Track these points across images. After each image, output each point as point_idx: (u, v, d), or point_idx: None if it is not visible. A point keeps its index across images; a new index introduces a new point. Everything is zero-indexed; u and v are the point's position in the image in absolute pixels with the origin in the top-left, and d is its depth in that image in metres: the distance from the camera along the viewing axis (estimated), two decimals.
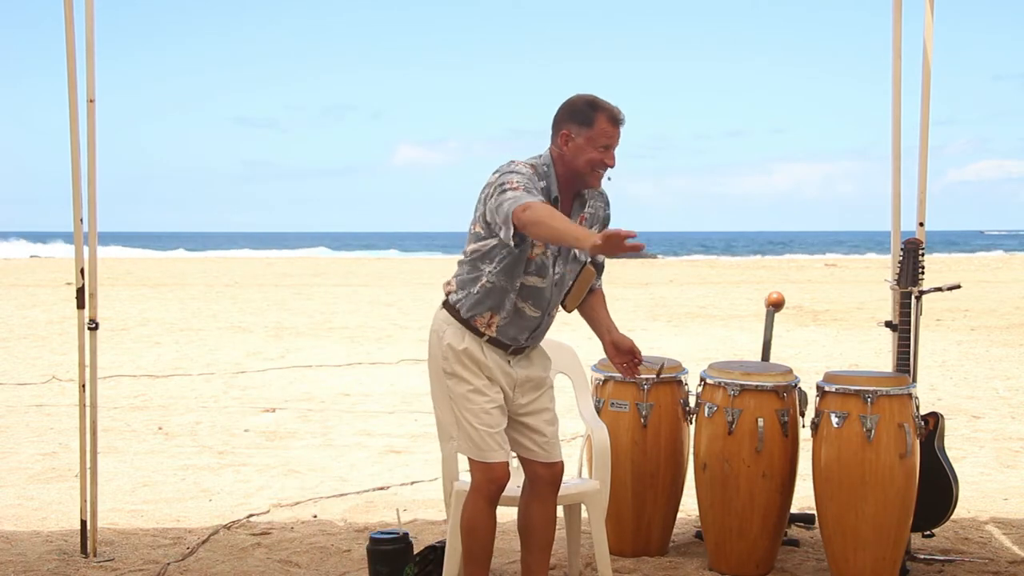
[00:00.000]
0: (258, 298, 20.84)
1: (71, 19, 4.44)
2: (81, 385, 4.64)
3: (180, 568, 4.54)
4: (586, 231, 3.30)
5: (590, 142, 3.54)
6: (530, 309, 3.64)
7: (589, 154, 3.55)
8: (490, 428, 3.62)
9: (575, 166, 3.58)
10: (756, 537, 4.45)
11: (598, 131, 3.54)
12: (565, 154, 3.59)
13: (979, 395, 9.23)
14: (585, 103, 3.58)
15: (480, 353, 3.63)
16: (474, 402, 3.62)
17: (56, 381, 9.98)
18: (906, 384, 4.35)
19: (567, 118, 3.58)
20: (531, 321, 3.66)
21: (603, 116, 3.55)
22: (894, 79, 4.82)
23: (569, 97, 3.63)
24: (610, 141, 3.55)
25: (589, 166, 3.56)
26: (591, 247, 3.19)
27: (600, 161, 3.56)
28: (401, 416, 8.35)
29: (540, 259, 3.60)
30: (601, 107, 3.56)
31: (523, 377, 3.72)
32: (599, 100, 3.58)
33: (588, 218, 3.70)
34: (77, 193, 4.57)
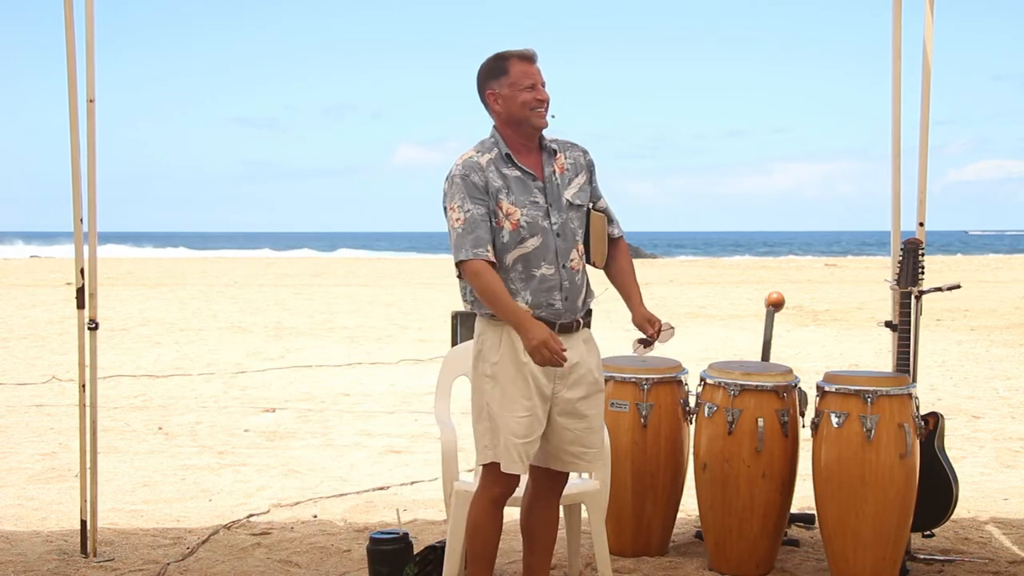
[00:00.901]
0: (258, 298, 20.84)
1: (71, 19, 4.44)
2: (81, 385, 4.64)
3: (180, 568, 4.54)
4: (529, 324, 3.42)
5: (514, 87, 3.57)
6: (545, 268, 3.58)
7: (520, 97, 3.57)
8: (518, 438, 3.55)
9: (514, 116, 3.59)
10: (756, 537, 4.45)
11: (516, 74, 3.57)
12: (501, 112, 3.61)
13: (979, 395, 9.23)
14: (493, 58, 3.64)
15: (520, 351, 3.53)
16: (508, 409, 3.56)
17: (56, 381, 9.98)
18: (906, 384, 4.35)
19: (486, 80, 3.63)
20: (551, 281, 3.58)
21: (514, 60, 3.59)
22: (894, 79, 4.82)
23: (480, 65, 3.66)
24: (532, 79, 3.57)
25: (525, 108, 3.58)
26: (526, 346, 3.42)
27: (533, 100, 3.57)
28: (401, 416, 8.35)
29: (524, 220, 3.56)
30: (509, 54, 3.61)
31: (570, 363, 3.56)
32: (505, 51, 3.63)
33: (569, 168, 3.69)
34: (77, 193, 4.57)
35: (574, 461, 3.68)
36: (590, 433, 3.67)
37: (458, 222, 3.52)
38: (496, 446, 3.58)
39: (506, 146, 3.61)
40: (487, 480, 3.64)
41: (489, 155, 3.59)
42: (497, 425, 3.58)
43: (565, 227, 3.62)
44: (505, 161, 3.59)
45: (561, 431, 3.64)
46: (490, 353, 3.60)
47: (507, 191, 3.55)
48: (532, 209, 3.57)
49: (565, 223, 3.62)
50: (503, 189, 3.55)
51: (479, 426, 3.64)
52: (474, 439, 3.68)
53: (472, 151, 3.62)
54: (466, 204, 3.52)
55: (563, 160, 3.69)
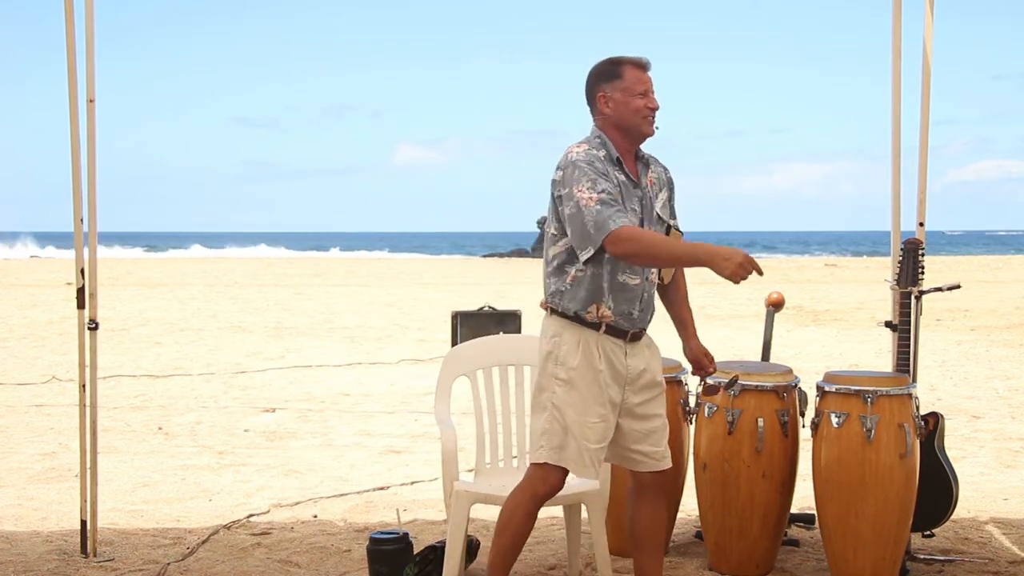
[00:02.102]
0: (258, 298, 20.85)
1: (71, 19, 4.44)
2: (81, 385, 4.64)
3: (180, 568, 4.54)
4: (721, 252, 3.30)
5: (627, 93, 3.57)
6: (629, 278, 3.58)
7: (632, 104, 3.57)
8: (592, 443, 3.57)
9: (624, 121, 3.59)
10: (756, 537, 4.45)
11: (630, 80, 3.58)
12: (610, 115, 3.60)
13: (979, 395, 9.23)
14: (608, 62, 3.63)
15: (596, 358, 3.56)
16: (584, 415, 3.55)
17: (56, 381, 9.98)
18: (906, 384, 4.35)
19: (598, 82, 3.62)
20: (634, 291, 3.59)
21: (629, 66, 3.59)
22: (894, 79, 4.82)
23: (592, 67, 3.66)
24: (645, 86, 3.58)
25: (636, 115, 3.58)
26: (727, 270, 3.26)
27: (644, 107, 3.58)
28: (401, 416, 8.35)
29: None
30: (624, 59, 3.61)
31: (637, 371, 3.64)
32: (620, 55, 3.63)
33: (656, 182, 3.70)
34: (77, 193, 4.57)
35: (643, 460, 3.70)
36: (655, 433, 3.70)
37: (592, 200, 3.44)
38: (563, 449, 3.56)
39: (615, 149, 3.61)
40: (536, 478, 3.61)
41: (602, 153, 3.59)
42: (569, 429, 3.56)
43: None
44: (615, 164, 3.59)
45: (629, 432, 3.67)
46: (568, 357, 3.58)
47: (620, 193, 3.55)
48: (632, 216, 3.57)
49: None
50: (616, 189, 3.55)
51: (538, 425, 3.62)
52: (530, 436, 3.67)
53: (584, 144, 3.60)
54: (599, 184, 3.47)
55: (652, 174, 3.71)
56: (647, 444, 3.69)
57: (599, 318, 3.56)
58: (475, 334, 6.89)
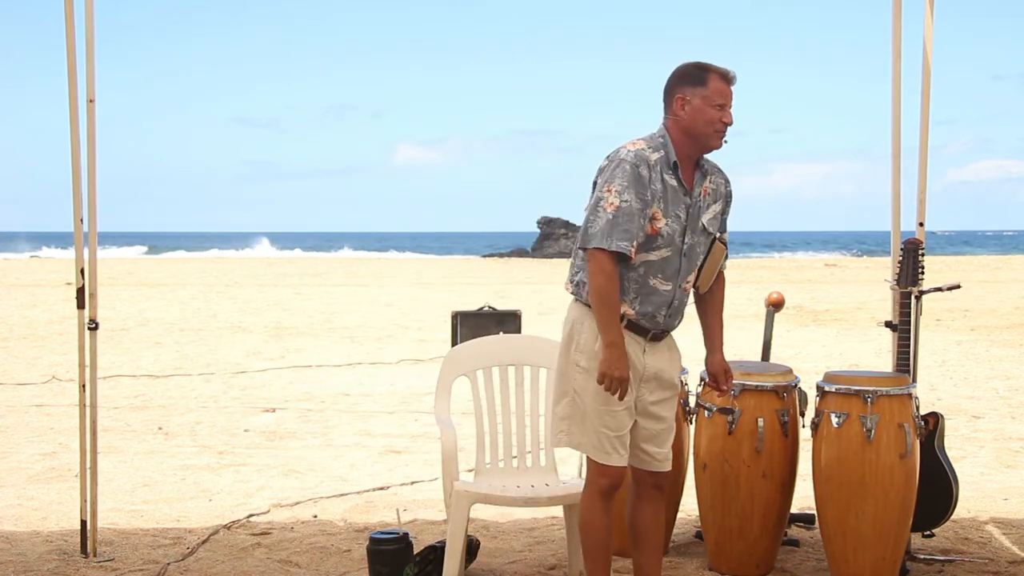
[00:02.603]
0: (258, 298, 20.85)
1: (71, 19, 4.44)
2: (81, 385, 4.64)
3: (180, 568, 4.54)
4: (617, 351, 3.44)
5: (706, 101, 3.56)
6: (660, 283, 3.59)
7: (707, 114, 3.56)
8: (611, 431, 3.58)
9: (695, 128, 3.58)
10: (756, 537, 4.45)
11: (712, 90, 3.56)
12: (683, 119, 3.59)
13: (979, 395, 9.23)
14: (694, 66, 3.61)
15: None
16: (605, 404, 3.56)
17: (56, 381, 9.98)
18: (906, 384, 4.35)
19: (679, 83, 3.60)
20: (664, 296, 3.61)
21: (715, 75, 3.57)
22: (894, 79, 4.82)
23: (677, 66, 3.65)
24: (725, 99, 3.57)
25: (709, 126, 3.57)
26: (603, 367, 3.44)
27: (718, 120, 3.56)
28: (401, 416, 8.35)
29: (665, 231, 3.55)
30: (711, 68, 3.59)
31: (654, 371, 3.66)
32: (707, 63, 3.61)
33: (711, 193, 3.68)
34: (77, 193, 4.57)
35: (648, 460, 3.71)
36: (664, 433, 3.72)
37: (612, 207, 3.48)
38: (574, 433, 3.61)
39: (675, 153, 3.60)
40: (593, 474, 3.65)
41: (658, 155, 3.58)
42: (588, 417, 3.58)
43: (693, 249, 3.65)
44: (671, 168, 3.59)
45: (639, 430, 3.68)
46: (588, 345, 3.59)
47: (662, 198, 3.55)
48: (674, 222, 3.58)
49: (694, 246, 3.65)
50: (659, 193, 3.55)
51: (559, 410, 3.66)
52: (551, 423, 3.71)
53: (642, 142, 3.60)
54: (626, 193, 3.48)
55: (708, 184, 3.69)
56: (653, 444, 3.70)
57: (621, 315, 3.56)
58: (475, 334, 6.87)
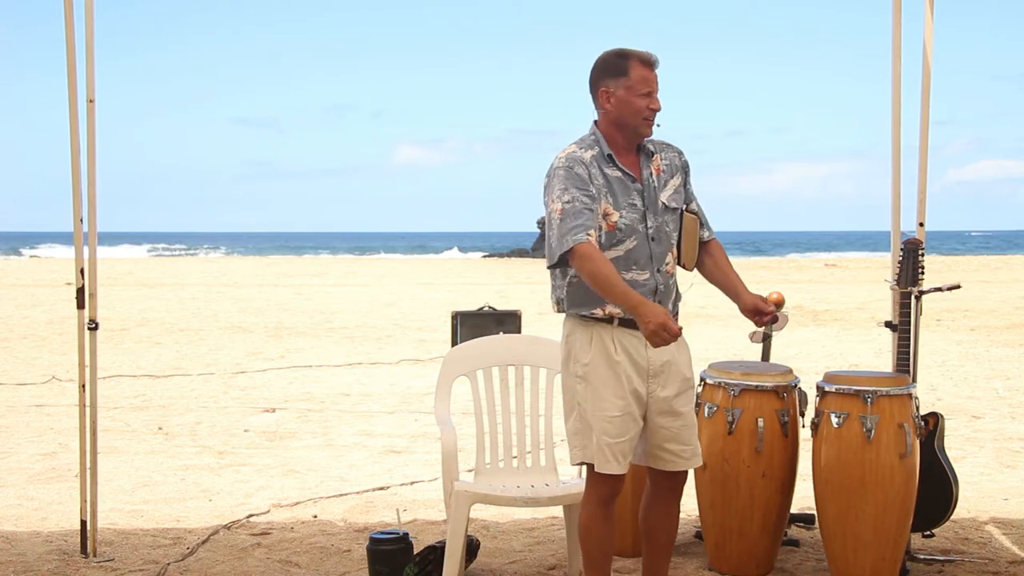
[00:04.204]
0: (258, 298, 20.85)
1: (71, 19, 4.44)
2: (81, 385, 4.64)
3: (180, 568, 4.54)
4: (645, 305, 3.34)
5: (631, 91, 3.51)
6: (637, 274, 3.53)
7: (633, 104, 3.51)
8: (611, 438, 3.52)
9: (624, 120, 3.54)
10: (756, 537, 4.45)
11: (635, 79, 3.51)
12: (610, 111, 3.55)
13: (979, 395, 9.23)
14: (614, 55, 3.55)
15: (613, 350, 3.53)
16: (600, 409, 3.52)
17: (56, 381, 9.98)
18: (906, 384, 4.35)
19: (602, 75, 3.56)
20: (646, 286, 3.54)
21: (636, 62, 3.51)
22: (894, 79, 4.82)
23: (598, 57, 3.59)
24: (650, 86, 3.51)
25: (637, 115, 3.53)
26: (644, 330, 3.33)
27: (646, 107, 3.52)
28: (401, 416, 8.35)
29: (622, 223, 3.51)
30: (631, 54, 3.52)
31: (660, 363, 3.57)
32: (627, 49, 3.54)
33: (665, 169, 3.64)
34: (77, 193, 4.57)
35: (673, 459, 3.65)
36: (685, 430, 3.64)
37: (558, 212, 3.45)
38: (588, 447, 3.55)
39: (608, 146, 3.57)
40: (592, 481, 3.61)
41: (592, 152, 3.55)
42: (590, 425, 3.53)
43: (660, 230, 3.59)
44: (607, 161, 3.56)
45: (658, 430, 3.61)
46: (581, 354, 3.56)
47: (608, 192, 3.52)
48: (630, 211, 3.54)
49: (660, 226, 3.59)
50: (604, 188, 3.52)
51: (569, 426, 3.61)
52: (568, 440, 3.65)
53: (574, 145, 3.58)
54: (567, 193, 3.45)
55: (659, 161, 3.65)
56: (676, 443, 3.63)
57: (608, 315, 3.54)
58: (475, 334, 6.87)
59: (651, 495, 3.76)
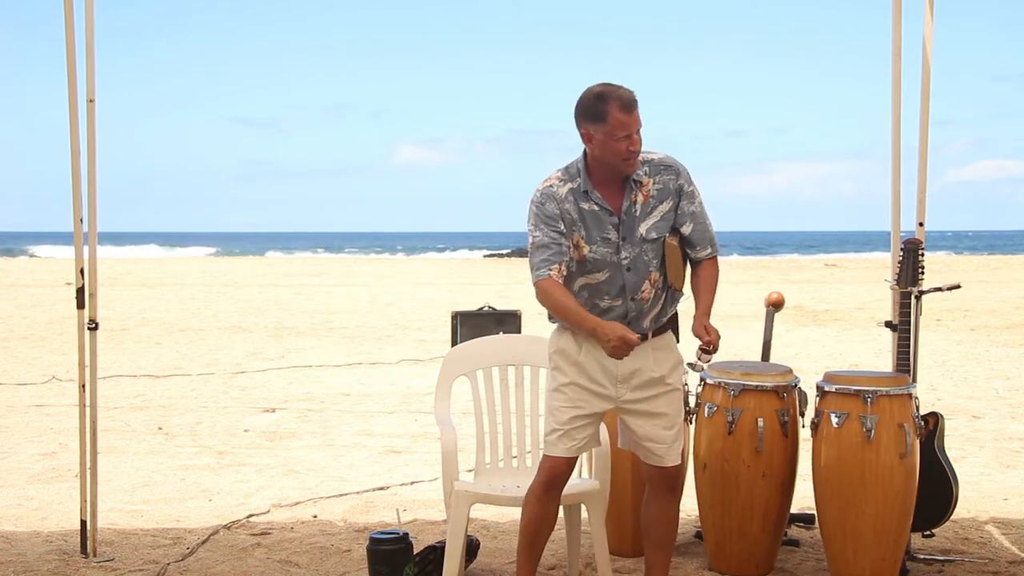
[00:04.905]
0: (258, 298, 20.85)
1: (71, 19, 4.44)
2: (81, 385, 4.64)
3: (180, 568, 4.54)
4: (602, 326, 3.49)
5: (609, 136, 3.54)
6: (609, 302, 3.66)
7: (612, 147, 3.55)
8: (556, 424, 3.70)
9: (604, 159, 3.59)
10: (756, 537, 4.45)
11: (613, 124, 3.52)
12: (593, 150, 3.61)
13: (979, 395, 9.23)
14: (593, 97, 3.56)
15: (576, 351, 3.68)
16: (554, 398, 3.72)
17: (56, 381, 9.98)
18: (906, 384, 4.35)
19: (581, 117, 3.59)
20: (616, 311, 3.66)
21: (614, 107, 3.52)
22: (894, 79, 4.82)
23: (581, 94, 3.61)
24: (628, 129, 3.53)
25: (617, 157, 3.56)
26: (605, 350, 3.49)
27: (625, 150, 3.55)
28: (401, 416, 8.35)
29: (591, 256, 3.61)
30: (609, 98, 3.53)
31: (628, 371, 3.68)
32: (607, 90, 3.55)
33: (655, 195, 3.66)
34: (77, 193, 4.57)
35: (648, 455, 3.79)
36: (659, 428, 3.74)
37: (530, 244, 3.64)
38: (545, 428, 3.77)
39: (589, 180, 3.63)
40: (539, 468, 3.78)
41: (571, 184, 3.63)
42: (548, 411, 3.74)
43: (637, 261, 3.65)
44: (583, 196, 3.62)
45: (635, 428, 3.76)
46: (552, 345, 3.76)
47: (581, 225, 3.61)
48: (603, 246, 3.62)
49: (638, 256, 3.65)
50: (577, 223, 3.61)
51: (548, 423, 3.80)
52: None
53: (556, 176, 3.66)
54: (537, 228, 3.61)
55: (650, 186, 3.66)
56: (650, 440, 3.75)
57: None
58: (475, 334, 6.87)
59: (648, 492, 3.87)
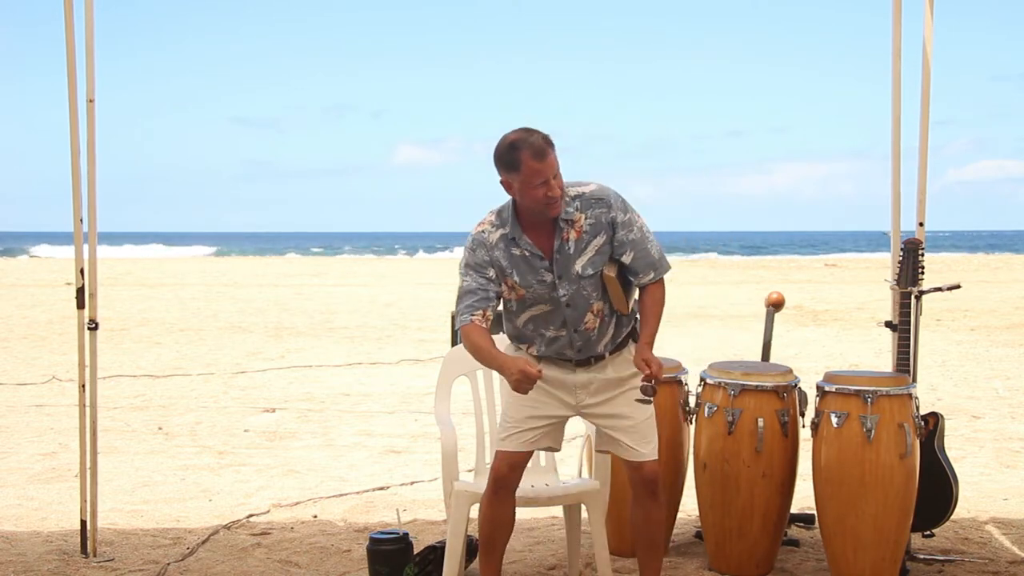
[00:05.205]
0: (258, 298, 20.85)
1: (71, 19, 4.44)
2: (81, 385, 4.64)
3: (180, 568, 4.54)
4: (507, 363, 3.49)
5: (526, 184, 3.52)
6: (554, 332, 3.72)
7: (531, 194, 3.54)
8: (509, 420, 3.77)
9: (526, 205, 3.59)
10: (756, 537, 4.45)
11: (527, 173, 3.49)
12: (515, 197, 3.62)
13: (979, 395, 9.23)
14: (506, 148, 3.52)
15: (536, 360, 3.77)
16: (510, 395, 3.75)
17: (56, 381, 9.98)
18: (906, 384, 4.35)
19: (498, 166, 3.57)
20: (562, 340, 3.73)
21: (526, 156, 3.47)
22: (894, 79, 4.82)
23: (497, 143, 3.57)
24: (544, 176, 3.49)
25: (537, 203, 3.55)
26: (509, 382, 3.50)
27: (544, 196, 3.53)
28: (401, 416, 8.35)
29: (529, 295, 3.68)
30: (521, 147, 3.48)
31: (585, 379, 3.76)
32: (518, 139, 3.50)
33: (587, 231, 3.63)
34: (77, 193, 4.57)
35: (621, 450, 3.80)
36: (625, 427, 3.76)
37: (459, 288, 3.69)
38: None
39: (518, 225, 3.64)
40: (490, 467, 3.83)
41: (502, 230, 3.65)
42: (504, 410, 3.82)
43: (576, 296, 3.66)
44: (513, 243, 3.64)
45: (603, 430, 3.82)
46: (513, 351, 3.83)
47: (514, 270, 3.65)
48: (539, 287, 3.65)
49: (576, 292, 3.66)
50: (509, 268, 3.65)
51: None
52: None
53: (489, 221, 3.68)
54: (467, 274, 3.66)
55: (583, 222, 3.64)
56: (621, 434, 3.78)
57: (530, 354, 3.78)
58: None
59: (631, 496, 3.88)
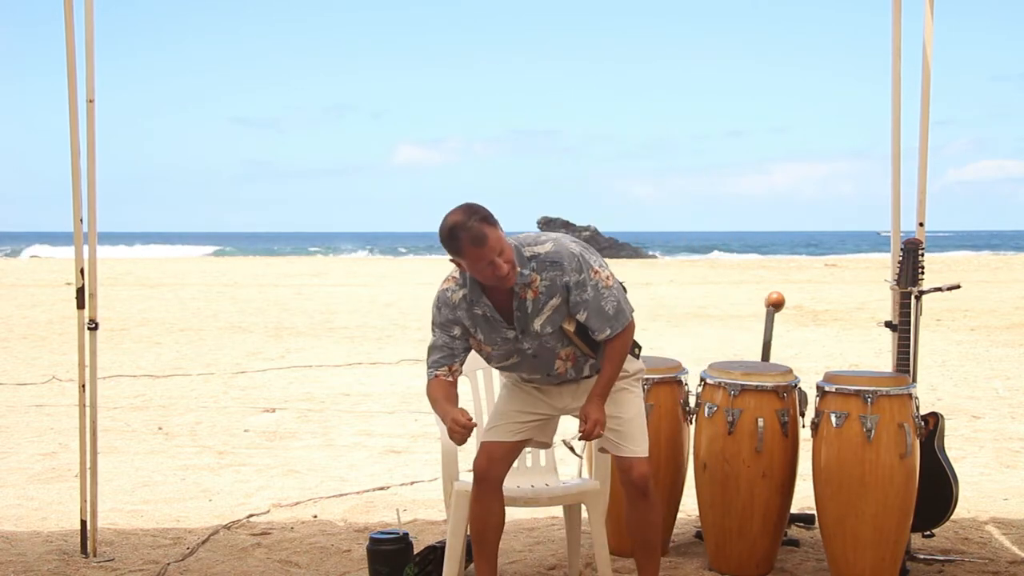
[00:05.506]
0: (258, 298, 20.85)
1: (71, 19, 4.44)
2: (81, 385, 4.64)
3: (180, 568, 4.54)
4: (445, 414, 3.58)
5: (472, 267, 3.54)
6: (527, 374, 3.85)
7: (480, 274, 3.56)
8: (495, 411, 3.94)
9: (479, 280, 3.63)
10: (756, 537, 4.45)
11: (470, 258, 3.51)
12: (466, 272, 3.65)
13: (979, 395, 9.23)
14: (447, 234, 3.51)
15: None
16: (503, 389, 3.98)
17: (56, 381, 9.98)
18: (906, 384, 4.35)
19: (446, 248, 3.57)
20: (537, 381, 3.87)
21: (466, 243, 3.47)
22: (894, 79, 4.82)
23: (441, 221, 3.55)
24: (487, 259, 3.48)
25: (488, 280, 3.57)
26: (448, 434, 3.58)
27: (492, 276, 3.53)
28: (401, 416, 8.35)
29: (496, 353, 3.76)
30: (459, 234, 3.48)
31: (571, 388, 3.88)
32: (457, 224, 3.48)
33: (543, 292, 3.64)
34: (77, 193, 4.57)
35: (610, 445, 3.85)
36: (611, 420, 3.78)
37: (429, 343, 3.77)
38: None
39: (477, 287, 3.66)
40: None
41: (463, 291, 3.69)
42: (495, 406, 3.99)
43: (540, 349, 3.74)
44: (474, 304, 3.68)
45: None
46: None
47: (478, 328, 3.72)
48: (503, 344, 3.74)
49: (540, 345, 3.74)
50: (473, 327, 3.72)
51: None
52: None
53: (453, 280, 3.72)
54: (434, 331, 3.75)
55: (539, 283, 3.64)
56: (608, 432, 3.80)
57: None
58: None
59: (624, 495, 3.91)
